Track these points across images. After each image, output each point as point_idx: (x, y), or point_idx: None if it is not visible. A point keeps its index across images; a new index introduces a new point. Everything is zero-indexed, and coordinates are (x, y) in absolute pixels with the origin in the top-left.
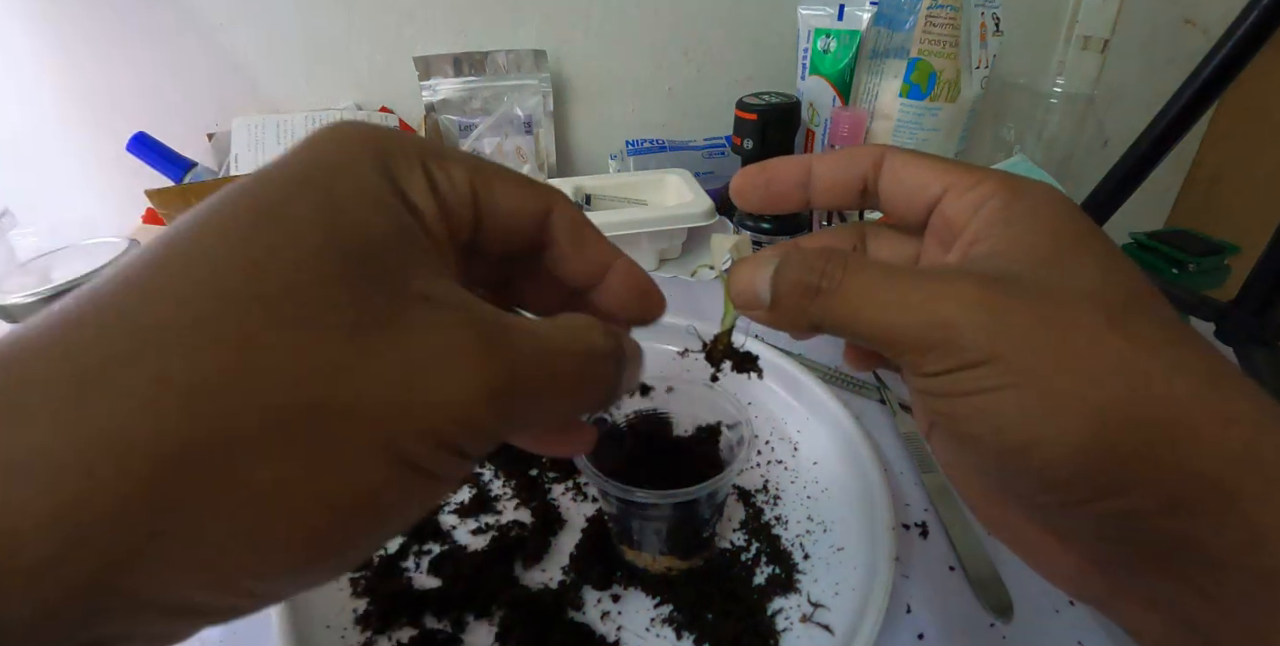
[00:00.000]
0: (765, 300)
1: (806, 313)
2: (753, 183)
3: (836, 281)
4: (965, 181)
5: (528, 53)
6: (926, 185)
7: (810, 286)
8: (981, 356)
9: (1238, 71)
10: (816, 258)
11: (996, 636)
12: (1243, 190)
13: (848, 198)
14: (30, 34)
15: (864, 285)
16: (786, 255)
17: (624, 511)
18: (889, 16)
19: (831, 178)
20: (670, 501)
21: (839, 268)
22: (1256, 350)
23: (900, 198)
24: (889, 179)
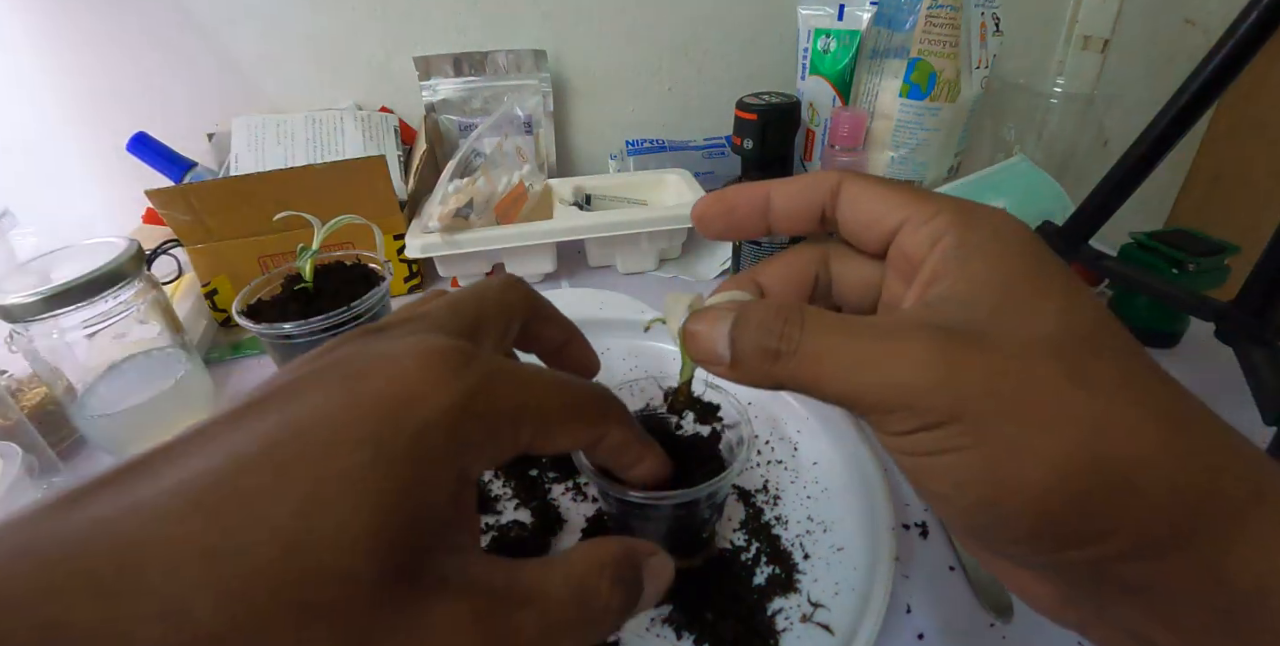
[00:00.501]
0: (725, 359)
1: (769, 375)
2: (713, 211)
3: (794, 344)
4: (921, 214)
5: (528, 53)
6: (883, 217)
7: (769, 350)
8: (940, 418)
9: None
10: (774, 318)
11: (996, 636)
12: (1243, 190)
13: (808, 225)
14: (31, 34)
15: (822, 348)
16: (743, 313)
17: (623, 511)
18: (889, 16)
19: (790, 207)
20: (670, 502)
21: (796, 328)
22: (1256, 350)
23: (858, 228)
24: (846, 208)
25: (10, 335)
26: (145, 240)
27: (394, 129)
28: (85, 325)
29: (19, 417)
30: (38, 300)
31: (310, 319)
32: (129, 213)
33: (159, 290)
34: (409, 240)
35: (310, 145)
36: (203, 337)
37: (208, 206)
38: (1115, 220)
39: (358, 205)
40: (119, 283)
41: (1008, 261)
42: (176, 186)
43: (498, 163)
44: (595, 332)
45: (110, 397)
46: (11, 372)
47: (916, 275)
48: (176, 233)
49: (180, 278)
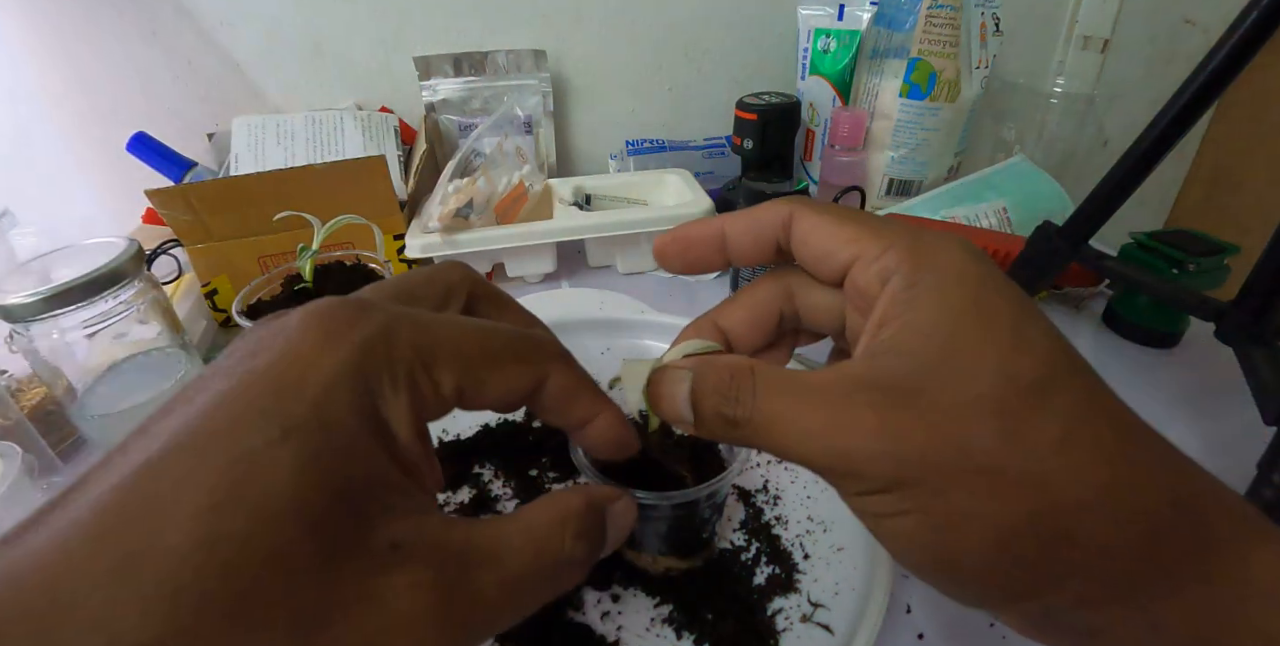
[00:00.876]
0: (689, 419)
1: (730, 437)
2: (671, 250)
3: (748, 410)
4: (870, 251)
5: (528, 53)
6: (834, 252)
7: (726, 418)
8: (884, 485)
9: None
10: (727, 383)
11: (996, 636)
12: (1243, 190)
13: (764, 258)
14: (30, 33)
15: (772, 415)
16: (699, 374)
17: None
18: (889, 16)
19: (743, 242)
20: (669, 502)
21: (748, 394)
22: (1256, 350)
23: (813, 262)
24: (798, 243)
25: (10, 335)
26: (145, 240)
27: (394, 129)
28: (85, 325)
29: (19, 417)
30: (38, 300)
31: None
32: (129, 213)
33: (159, 290)
34: (409, 240)
35: (310, 145)
36: (203, 337)
37: (208, 206)
38: (1115, 220)
39: (358, 205)
40: (119, 283)
41: (953, 305)
42: (176, 186)
43: (498, 163)
44: (595, 333)
45: (110, 397)
46: (11, 372)
47: (870, 312)
48: (176, 233)
49: (180, 278)
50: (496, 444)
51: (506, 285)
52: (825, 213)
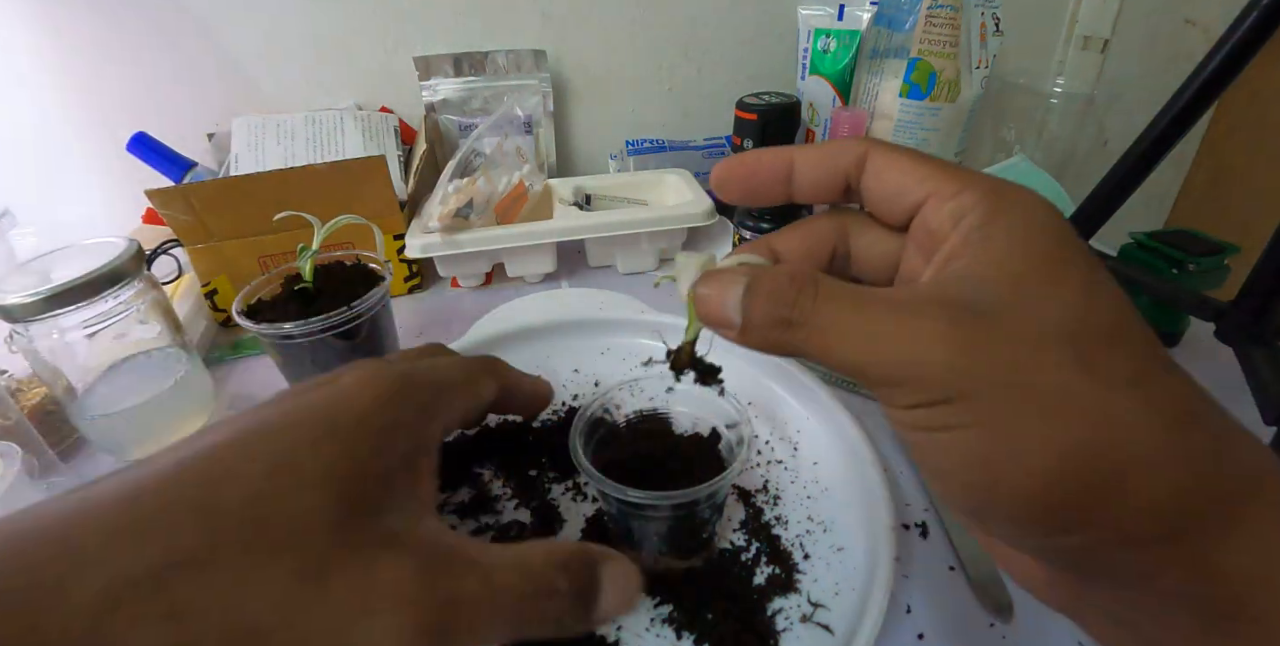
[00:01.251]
0: (736, 323)
1: (779, 343)
2: (733, 175)
3: (806, 314)
4: (947, 189)
5: (528, 53)
6: (908, 190)
7: (781, 318)
8: (945, 395)
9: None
10: (787, 286)
11: (996, 636)
12: (1243, 190)
13: (831, 195)
14: (30, 34)
15: (834, 319)
16: (757, 279)
17: (623, 512)
18: (889, 16)
19: (814, 174)
20: (669, 502)
21: (809, 297)
22: (1256, 350)
23: (882, 200)
24: (871, 179)
25: (10, 335)
26: (145, 240)
27: (394, 129)
28: (85, 325)
29: (19, 417)
30: (38, 300)
31: (310, 319)
32: (129, 213)
33: (159, 290)
34: (409, 240)
35: (310, 145)
36: (203, 337)
37: (208, 206)
38: (1115, 220)
39: (358, 205)
40: (119, 283)
41: (1030, 245)
42: (176, 186)
43: (498, 163)
44: (595, 332)
45: (110, 397)
46: (11, 372)
47: (937, 251)
48: (176, 233)
49: (180, 278)
50: (496, 444)
51: (506, 285)
52: (902, 151)
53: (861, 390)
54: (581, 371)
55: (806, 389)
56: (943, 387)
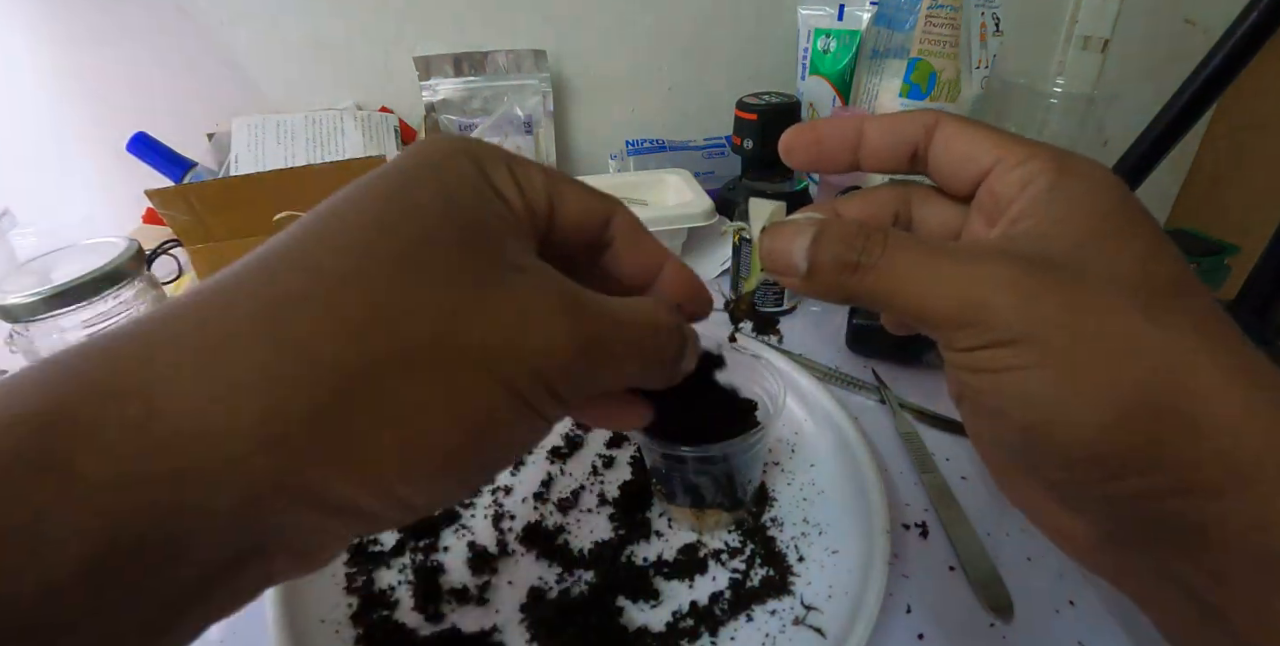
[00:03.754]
0: (802, 269)
1: (843, 286)
2: (804, 140)
3: (874, 258)
4: (1015, 156)
5: (528, 53)
6: (976, 157)
7: (849, 262)
8: (1012, 336)
9: (1238, 71)
10: (855, 233)
11: (996, 636)
12: (1243, 190)
13: (897, 163)
14: (30, 33)
15: (902, 263)
16: (825, 226)
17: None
18: (889, 16)
19: (883, 142)
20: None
21: (878, 244)
22: None
23: (949, 167)
24: (940, 148)
25: (10, 335)
26: (145, 240)
27: (394, 129)
28: (85, 325)
29: None
30: (38, 300)
31: None
32: (129, 213)
33: (159, 290)
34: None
35: (310, 145)
36: None
37: (208, 206)
38: None
39: None
40: (119, 283)
41: (1095, 207)
42: (176, 186)
43: None
44: None
45: None
46: (12, 373)
47: (1003, 215)
48: (176, 233)
49: (180, 278)
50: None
51: None
52: (971, 121)
53: (864, 388)
54: None
55: (804, 389)
56: (1007, 329)
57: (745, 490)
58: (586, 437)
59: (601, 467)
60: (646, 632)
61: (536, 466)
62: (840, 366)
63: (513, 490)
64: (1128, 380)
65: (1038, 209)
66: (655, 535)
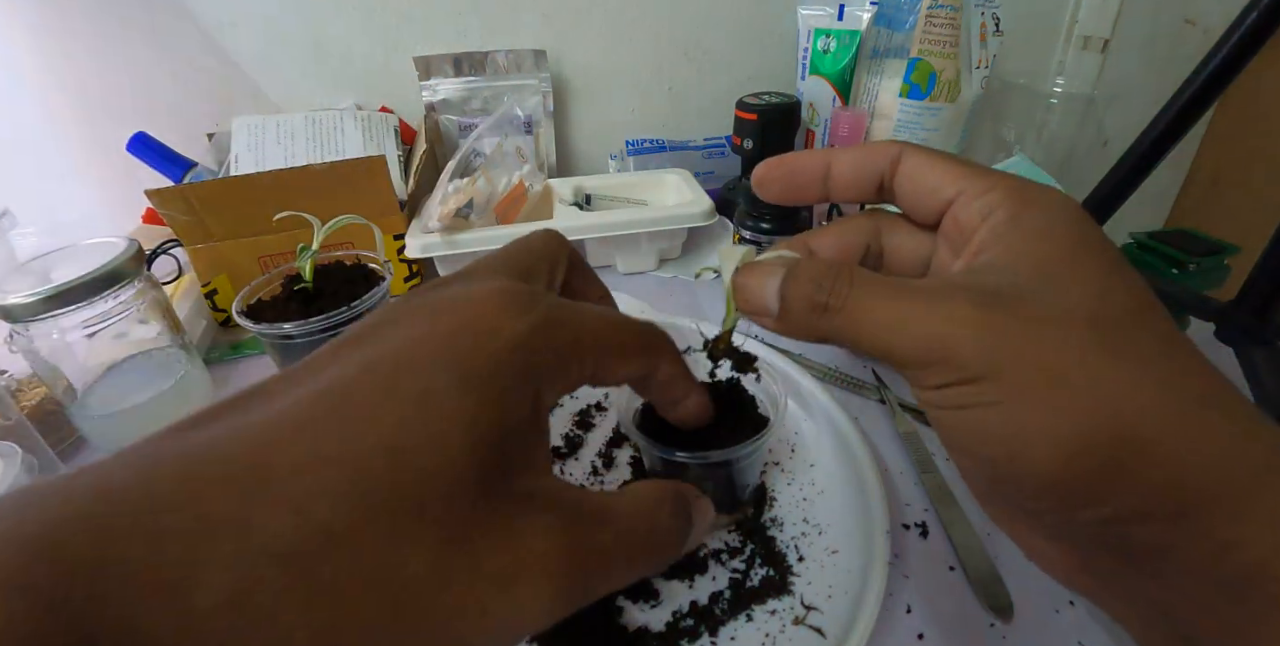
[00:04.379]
0: (774, 310)
1: (814, 327)
2: (775, 175)
3: (842, 299)
4: (977, 187)
5: (528, 53)
6: (940, 189)
7: (818, 304)
8: (975, 374)
9: (1238, 71)
10: (824, 273)
11: (996, 636)
12: (1243, 190)
13: (866, 194)
14: (30, 34)
15: (869, 304)
16: (794, 267)
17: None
18: (889, 16)
19: (849, 175)
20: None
21: (846, 284)
22: (1256, 350)
23: (914, 198)
24: (904, 178)
25: (10, 335)
26: (145, 240)
27: (394, 129)
28: (85, 325)
29: (19, 417)
30: (38, 300)
31: (310, 319)
32: (129, 213)
33: (159, 290)
34: (409, 240)
35: (310, 145)
36: (203, 337)
37: (208, 206)
38: (1115, 220)
39: (358, 205)
40: (119, 282)
41: (1054, 236)
42: (176, 186)
43: (498, 163)
44: None
45: (110, 397)
46: (11, 372)
47: (967, 245)
48: (176, 233)
49: (180, 278)
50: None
51: None
52: (933, 152)
53: (864, 388)
54: None
55: (804, 390)
56: (969, 367)
57: (745, 492)
58: (586, 437)
59: (601, 467)
60: (646, 632)
61: None
62: (840, 366)
63: None
64: (1086, 412)
65: (999, 240)
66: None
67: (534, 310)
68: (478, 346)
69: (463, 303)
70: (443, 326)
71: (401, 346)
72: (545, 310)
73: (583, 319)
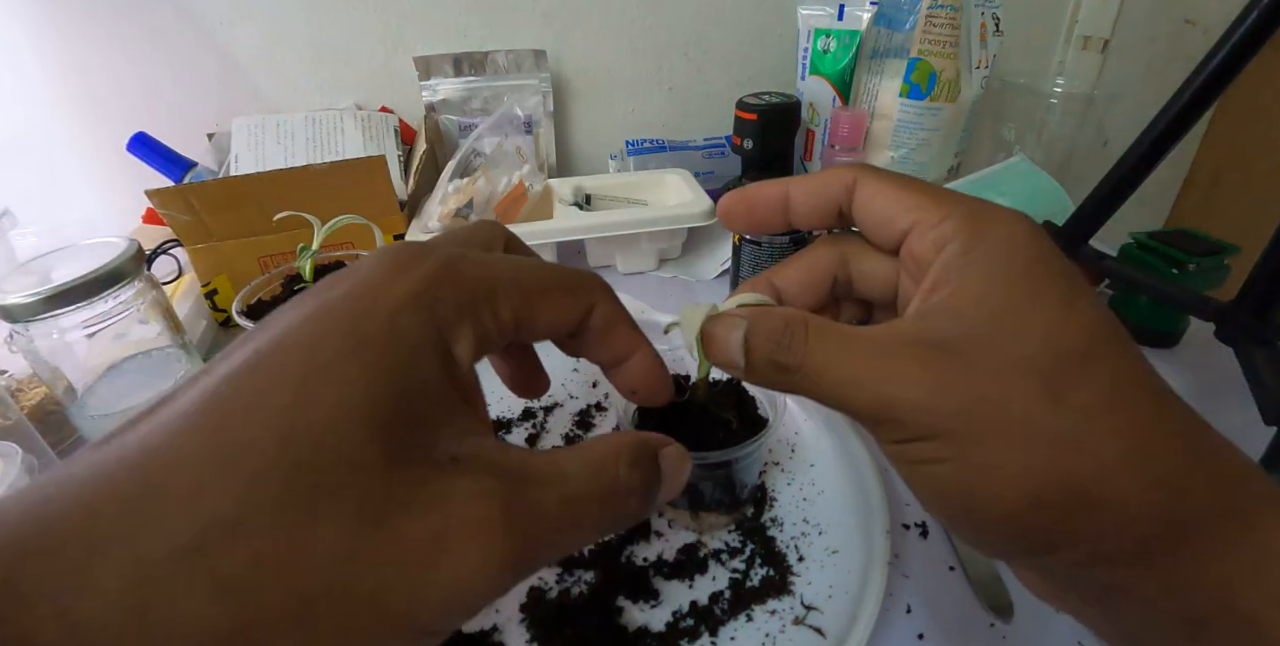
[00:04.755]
0: (741, 366)
1: (778, 383)
2: (737, 209)
3: (799, 359)
4: (930, 218)
5: (528, 53)
6: (894, 219)
7: (778, 364)
8: (924, 433)
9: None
10: (779, 330)
11: (996, 636)
12: (1243, 190)
13: (827, 221)
14: (31, 34)
15: (824, 361)
16: (754, 323)
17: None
18: (889, 16)
19: (808, 204)
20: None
21: (801, 342)
22: (1256, 350)
23: (871, 227)
24: (860, 207)
25: (10, 335)
26: (145, 240)
27: (394, 129)
28: (85, 325)
29: (19, 417)
30: (38, 300)
31: None
32: (129, 213)
33: (159, 290)
34: (409, 240)
35: (310, 145)
36: (203, 337)
37: (208, 206)
38: (1115, 220)
39: (358, 205)
40: (119, 282)
41: (1007, 274)
42: (176, 186)
43: (498, 163)
44: None
45: (110, 397)
46: (11, 372)
47: (924, 278)
48: (176, 233)
49: (180, 278)
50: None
51: None
52: (889, 179)
53: None
54: (581, 370)
55: None
56: (922, 426)
57: (744, 492)
58: (586, 437)
59: None
60: (646, 632)
61: None
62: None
63: None
64: (1031, 469)
65: (950, 279)
66: (655, 535)
67: (425, 262)
68: (364, 310)
69: (350, 271)
70: (330, 297)
71: (289, 326)
72: (440, 260)
73: (490, 263)
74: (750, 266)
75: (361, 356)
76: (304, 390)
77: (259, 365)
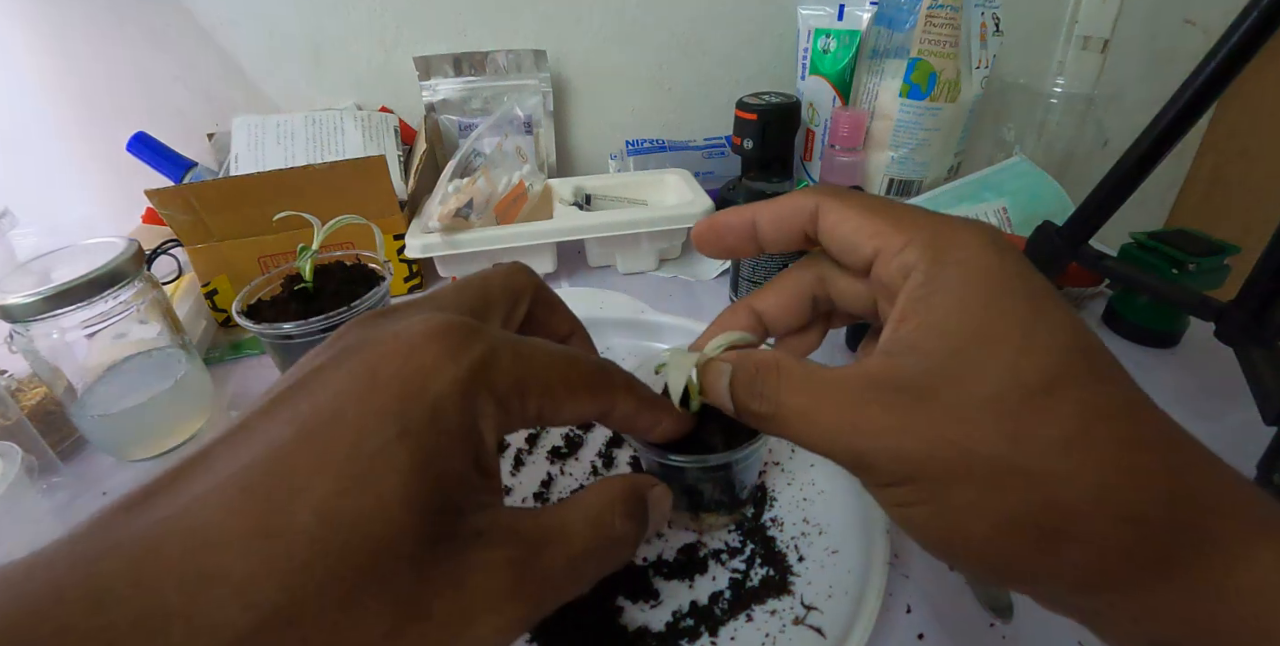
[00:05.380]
0: (732, 409)
1: (763, 429)
2: (709, 237)
3: (772, 407)
4: (893, 245)
5: (528, 53)
6: (859, 246)
7: (757, 414)
8: (897, 479)
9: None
10: (754, 377)
11: (996, 636)
12: (1243, 190)
13: (795, 245)
14: (30, 34)
15: (795, 411)
16: (735, 369)
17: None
18: (889, 16)
19: (774, 232)
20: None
21: (773, 389)
22: (1256, 350)
23: (840, 254)
24: (825, 235)
25: (10, 335)
26: (145, 240)
27: (394, 129)
28: (85, 325)
29: (19, 417)
30: (38, 300)
31: (310, 319)
32: (129, 213)
33: (159, 290)
34: (409, 240)
35: (310, 145)
36: (203, 337)
37: (208, 206)
38: (1115, 220)
39: (358, 205)
40: (119, 282)
41: (966, 305)
42: (176, 186)
43: (498, 163)
44: (596, 332)
45: (110, 397)
46: (11, 372)
47: (893, 304)
48: (176, 233)
49: (180, 278)
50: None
51: None
52: (850, 205)
53: None
54: None
55: None
56: (894, 473)
57: (744, 492)
58: (586, 437)
59: (601, 467)
60: (646, 632)
61: (536, 466)
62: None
63: (513, 490)
64: (1001, 508)
65: (916, 308)
66: (655, 535)
67: (472, 349)
68: (411, 394)
69: (398, 343)
70: (376, 375)
71: (333, 400)
72: (484, 349)
73: (528, 357)
74: (750, 267)
75: (405, 443)
76: (352, 474)
77: (305, 442)
